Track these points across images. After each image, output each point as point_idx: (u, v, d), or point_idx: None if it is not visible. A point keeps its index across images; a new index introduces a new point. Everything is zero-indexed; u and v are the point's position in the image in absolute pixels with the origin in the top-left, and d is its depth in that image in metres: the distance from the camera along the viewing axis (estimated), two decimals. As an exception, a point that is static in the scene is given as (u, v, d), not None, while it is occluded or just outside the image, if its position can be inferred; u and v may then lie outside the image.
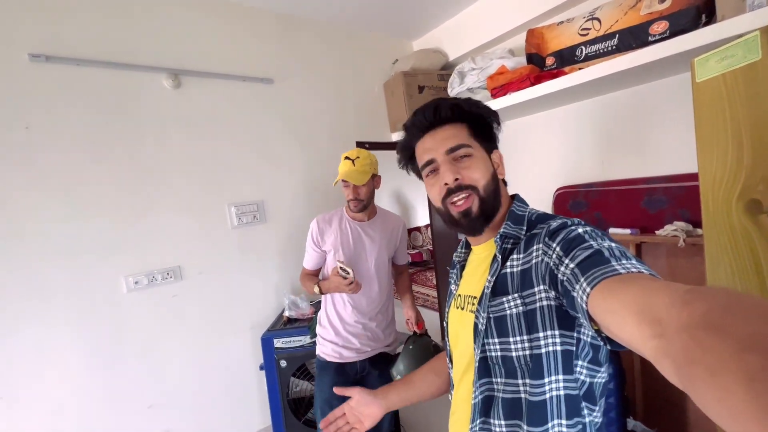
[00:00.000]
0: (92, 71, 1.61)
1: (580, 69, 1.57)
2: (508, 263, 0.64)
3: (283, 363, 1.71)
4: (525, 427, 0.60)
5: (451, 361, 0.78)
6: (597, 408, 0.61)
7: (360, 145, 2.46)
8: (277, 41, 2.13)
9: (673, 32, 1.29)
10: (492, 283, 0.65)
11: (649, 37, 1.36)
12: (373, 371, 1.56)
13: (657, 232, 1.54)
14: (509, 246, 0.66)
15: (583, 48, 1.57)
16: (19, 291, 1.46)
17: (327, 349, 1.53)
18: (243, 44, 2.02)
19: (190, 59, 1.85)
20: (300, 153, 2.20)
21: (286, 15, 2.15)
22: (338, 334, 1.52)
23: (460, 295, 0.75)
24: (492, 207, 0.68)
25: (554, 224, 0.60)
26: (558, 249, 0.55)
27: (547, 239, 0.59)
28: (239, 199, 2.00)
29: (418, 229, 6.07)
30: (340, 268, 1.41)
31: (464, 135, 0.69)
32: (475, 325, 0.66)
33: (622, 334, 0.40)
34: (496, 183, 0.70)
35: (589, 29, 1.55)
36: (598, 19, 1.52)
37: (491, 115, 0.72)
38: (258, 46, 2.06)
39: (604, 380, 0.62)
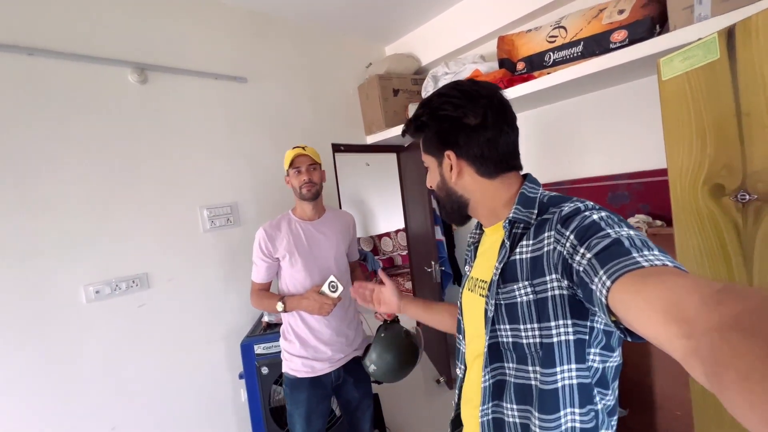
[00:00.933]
0: (47, 62, 1.48)
1: (548, 73, 1.67)
2: (518, 249, 0.62)
3: (265, 370, 1.63)
4: (536, 414, 0.60)
5: (463, 337, 0.79)
6: (609, 392, 0.61)
7: (336, 147, 2.44)
8: (251, 40, 2.08)
9: (632, 40, 1.41)
10: (500, 270, 0.64)
11: (611, 45, 1.48)
12: (348, 378, 1.49)
13: (621, 224, 1.66)
14: (519, 231, 0.64)
15: (551, 54, 1.68)
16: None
17: (296, 365, 1.42)
18: (215, 41, 1.95)
19: (158, 54, 1.76)
20: (275, 154, 2.14)
21: (259, 13, 2.11)
22: (307, 346, 1.42)
23: (472, 277, 0.76)
24: (451, 207, 0.74)
25: (566, 209, 0.57)
26: (572, 237, 0.52)
27: (559, 226, 0.56)
28: (212, 202, 1.91)
29: (387, 234, 6.10)
30: (330, 283, 1.34)
31: (422, 150, 0.76)
32: (486, 311, 0.66)
33: (648, 332, 0.38)
34: (446, 190, 0.73)
35: (557, 37, 1.66)
36: (564, 28, 1.63)
37: (423, 126, 0.72)
38: (231, 44, 2.00)
39: (616, 363, 0.61)
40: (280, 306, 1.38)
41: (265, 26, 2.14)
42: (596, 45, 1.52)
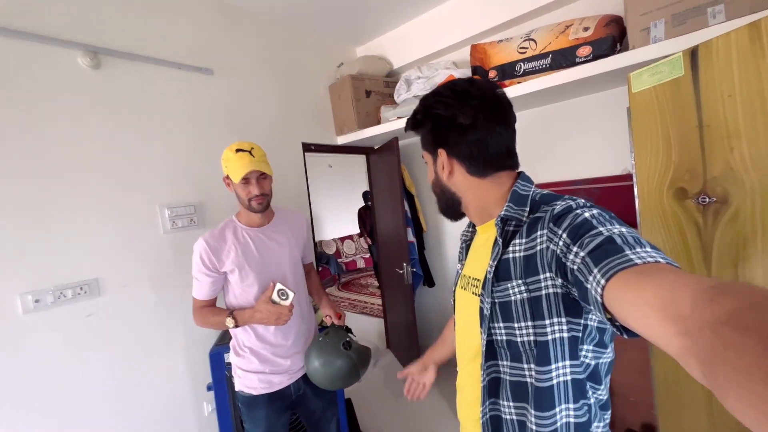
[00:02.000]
0: (-21, 37, 1.29)
1: (519, 83, 1.76)
2: (511, 248, 0.62)
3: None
4: (532, 411, 0.61)
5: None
6: (602, 386, 0.62)
7: (306, 146, 2.38)
8: (219, 31, 1.97)
9: (596, 56, 1.54)
10: (494, 268, 0.64)
11: (577, 59, 1.59)
12: (308, 389, 1.38)
13: (582, 226, 1.79)
14: (511, 228, 0.64)
15: (522, 64, 1.78)
16: None
17: (251, 382, 1.30)
18: (180, 28, 1.82)
19: (113, 37, 1.60)
20: (243, 151, 2.03)
21: (227, 4, 2.00)
22: (264, 361, 1.30)
23: (465, 275, 0.76)
24: (446, 204, 0.75)
25: (558, 208, 0.58)
26: (565, 236, 0.53)
27: (551, 225, 0.56)
28: (173, 200, 1.76)
29: (350, 237, 6.05)
30: (279, 291, 1.22)
31: (420, 146, 0.77)
32: (481, 310, 0.66)
33: (645, 330, 0.38)
34: (440, 187, 0.75)
35: (527, 48, 1.76)
36: (534, 40, 1.74)
37: (419, 124, 0.73)
38: (197, 33, 1.88)
39: (610, 359, 0.63)
40: (230, 322, 1.22)
41: (235, 18, 2.04)
42: (563, 58, 1.63)
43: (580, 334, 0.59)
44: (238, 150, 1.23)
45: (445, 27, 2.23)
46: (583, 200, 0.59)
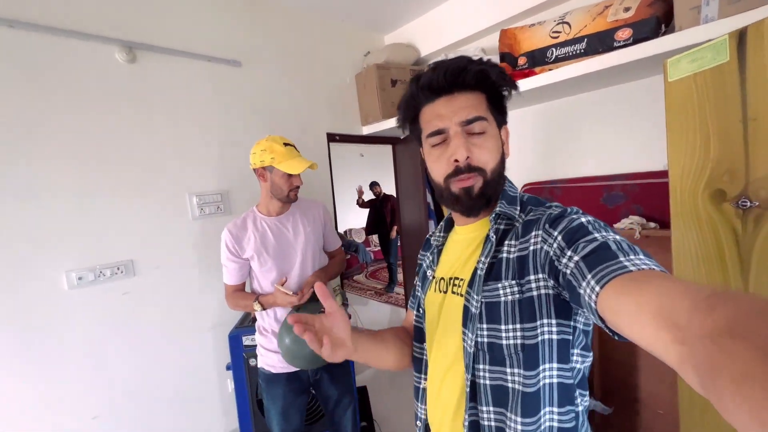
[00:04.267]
0: (30, 36, 1.40)
1: (550, 70, 1.65)
2: (504, 247, 0.61)
3: (253, 361, 1.61)
4: (512, 416, 0.58)
5: (422, 346, 0.75)
6: (587, 392, 0.61)
7: (331, 136, 2.40)
8: (247, 24, 2.01)
9: (637, 39, 1.39)
10: (486, 265, 0.61)
11: (615, 43, 1.45)
12: (325, 375, 1.45)
13: (615, 225, 1.66)
14: (502, 227, 0.63)
15: (554, 50, 1.65)
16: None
17: (272, 360, 1.38)
18: (209, 22, 1.87)
19: (148, 32, 1.68)
20: (268, 142, 2.09)
21: (255, -5, 2.03)
22: None
23: (442, 278, 0.71)
24: (494, 191, 0.64)
25: (555, 211, 0.58)
26: (560, 238, 0.53)
27: (547, 226, 0.56)
28: (201, 189, 1.85)
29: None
30: (280, 290, 1.30)
31: (483, 107, 0.62)
32: (466, 309, 0.62)
33: (640, 339, 0.38)
34: (503, 166, 0.66)
35: (560, 32, 1.63)
36: (568, 23, 1.61)
37: (512, 86, 0.65)
38: (226, 27, 1.93)
39: (590, 363, 0.62)
40: (257, 306, 1.34)
41: (262, 10, 2.07)
42: (600, 42, 1.50)
43: (571, 337, 0.57)
44: (285, 144, 1.34)
45: (475, 12, 2.13)
46: (576, 207, 0.58)
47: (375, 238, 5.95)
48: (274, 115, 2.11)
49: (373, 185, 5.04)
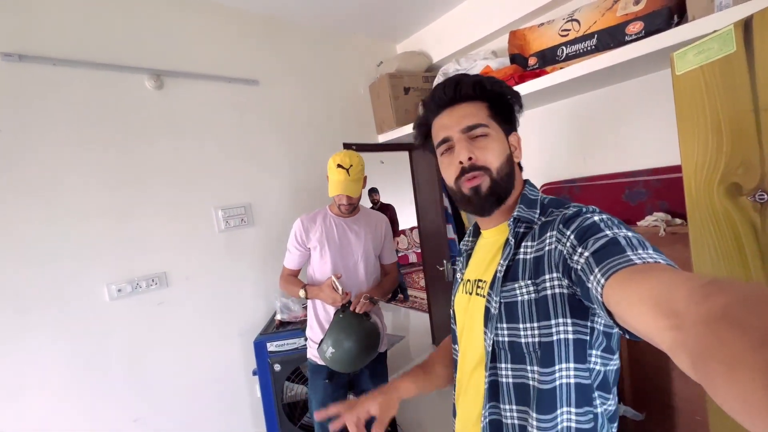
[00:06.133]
0: (70, 71, 1.55)
1: (561, 68, 1.63)
2: (522, 249, 0.63)
3: (277, 367, 1.67)
4: (534, 414, 0.59)
5: (457, 345, 0.78)
6: (611, 396, 0.61)
7: (347, 146, 2.46)
8: (262, 43, 2.12)
9: (648, 32, 1.36)
10: (504, 268, 0.64)
11: (626, 37, 1.42)
12: (365, 371, 1.55)
13: (638, 223, 1.61)
14: (521, 230, 0.65)
15: (564, 48, 1.64)
16: (-7, 302, 1.38)
17: (316, 352, 1.48)
18: (227, 45, 1.99)
19: (172, 59, 1.81)
20: (287, 154, 2.18)
21: (269, 16, 2.14)
22: None
23: (468, 280, 0.75)
24: (504, 189, 0.67)
25: (570, 211, 0.59)
26: (572, 237, 0.54)
27: (561, 226, 0.57)
28: (226, 202, 1.96)
29: (402, 231, 6.09)
30: (336, 281, 1.38)
31: (483, 114, 0.67)
32: (487, 309, 0.65)
33: (639, 326, 0.39)
34: (511, 166, 0.68)
35: (569, 30, 1.61)
36: (578, 21, 1.59)
37: (513, 96, 0.70)
38: (242, 48, 2.04)
39: (616, 367, 0.62)
40: (302, 293, 1.47)
41: (275, 30, 2.17)
42: (610, 38, 1.47)
43: (588, 338, 0.58)
44: (339, 166, 1.43)
45: (484, 15, 2.13)
46: (593, 206, 0.59)
47: (399, 243, 5.96)
48: (292, 129, 2.20)
49: (372, 192, 4.93)
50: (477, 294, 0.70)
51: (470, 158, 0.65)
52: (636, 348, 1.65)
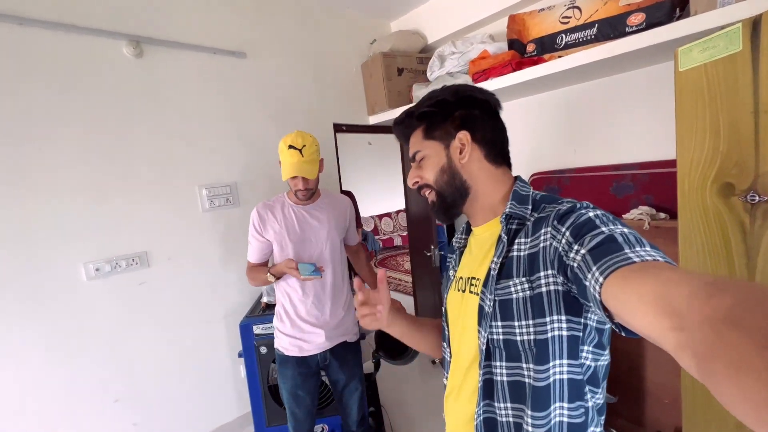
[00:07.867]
0: (39, 33, 1.43)
1: (559, 57, 1.61)
2: (515, 246, 0.62)
3: (263, 349, 1.66)
4: (529, 412, 0.60)
5: (448, 344, 0.78)
6: (600, 390, 0.62)
7: (337, 127, 2.39)
8: (251, 14, 2.00)
9: (650, 24, 1.35)
10: (498, 265, 0.63)
11: (627, 28, 1.41)
12: (334, 362, 1.50)
13: (624, 216, 1.64)
14: (514, 227, 0.64)
15: (564, 36, 1.61)
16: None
17: (285, 343, 1.45)
18: (212, 13, 1.87)
19: (153, 25, 1.69)
20: (275, 133, 2.09)
21: (259, -16, 2.01)
22: (295, 327, 1.44)
23: (461, 277, 0.74)
24: (452, 195, 0.70)
25: (564, 207, 0.59)
26: (568, 234, 0.54)
27: (555, 222, 0.57)
28: (211, 181, 1.88)
29: (388, 215, 6.09)
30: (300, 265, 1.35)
31: (419, 140, 0.73)
32: (481, 308, 0.65)
33: (640, 326, 0.39)
34: (452, 173, 0.70)
35: (570, 18, 1.58)
36: (579, 8, 1.56)
37: (443, 106, 0.70)
38: (229, 17, 1.92)
39: (606, 362, 0.62)
40: (270, 277, 1.40)
41: (265, 0, 2.05)
42: (611, 28, 1.45)
43: (581, 334, 0.58)
44: (290, 146, 1.33)
45: (483, -4, 2.07)
46: (587, 202, 0.58)
47: (383, 225, 5.97)
48: (280, 106, 2.12)
49: None
50: (470, 292, 0.70)
51: (416, 182, 0.73)
52: (615, 338, 1.72)
